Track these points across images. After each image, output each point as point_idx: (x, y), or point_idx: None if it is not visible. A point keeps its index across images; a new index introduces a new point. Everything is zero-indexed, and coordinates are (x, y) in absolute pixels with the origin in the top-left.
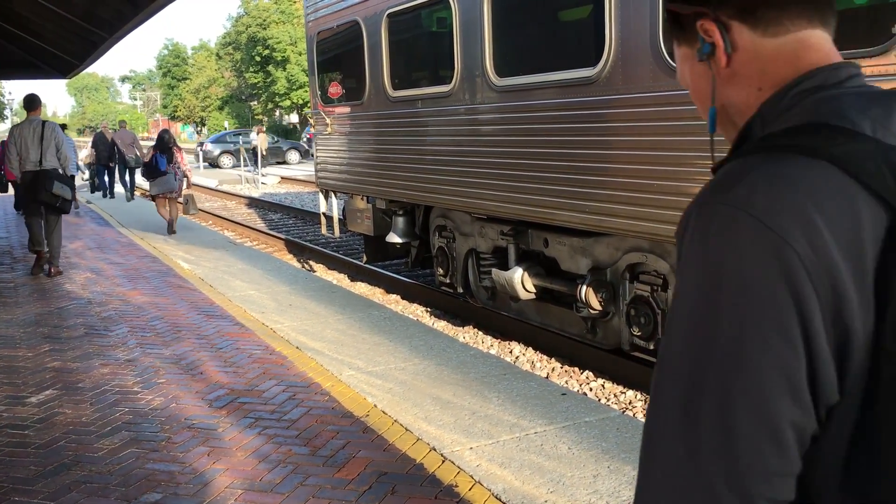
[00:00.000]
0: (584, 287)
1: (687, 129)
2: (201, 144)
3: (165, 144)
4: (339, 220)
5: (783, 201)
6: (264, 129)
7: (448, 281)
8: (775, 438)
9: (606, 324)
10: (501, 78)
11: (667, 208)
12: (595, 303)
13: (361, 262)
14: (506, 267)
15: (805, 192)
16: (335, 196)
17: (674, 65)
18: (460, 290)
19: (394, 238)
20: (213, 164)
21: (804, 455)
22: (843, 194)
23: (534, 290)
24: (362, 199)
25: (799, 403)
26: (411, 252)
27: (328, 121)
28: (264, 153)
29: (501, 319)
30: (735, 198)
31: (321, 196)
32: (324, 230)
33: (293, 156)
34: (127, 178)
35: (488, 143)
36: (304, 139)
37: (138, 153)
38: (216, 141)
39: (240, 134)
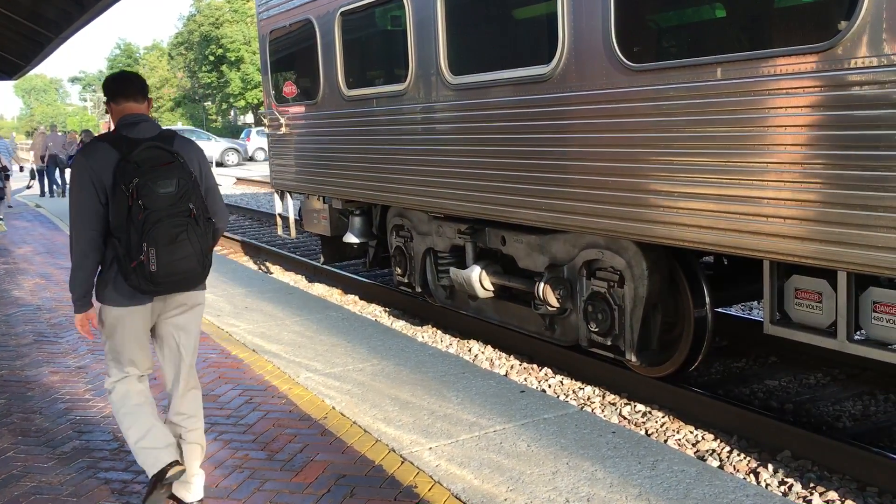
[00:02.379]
0: (542, 284)
1: (641, 126)
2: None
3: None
4: (296, 220)
5: (89, 151)
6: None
7: (406, 280)
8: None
9: (564, 320)
10: (456, 76)
11: (622, 205)
12: (553, 300)
13: (319, 262)
14: (464, 266)
15: (95, 149)
16: (291, 196)
17: (627, 62)
18: (418, 289)
19: (351, 238)
20: (220, 163)
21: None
22: (105, 149)
23: (492, 288)
24: (318, 199)
25: (97, 215)
26: (369, 252)
27: (282, 120)
28: None
29: (460, 318)
30: (84, 146)
31: (277, 197)
32: (280, 231)
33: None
34: (59, 177)
35: (444, 142)
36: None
37: (69, 152)
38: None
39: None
